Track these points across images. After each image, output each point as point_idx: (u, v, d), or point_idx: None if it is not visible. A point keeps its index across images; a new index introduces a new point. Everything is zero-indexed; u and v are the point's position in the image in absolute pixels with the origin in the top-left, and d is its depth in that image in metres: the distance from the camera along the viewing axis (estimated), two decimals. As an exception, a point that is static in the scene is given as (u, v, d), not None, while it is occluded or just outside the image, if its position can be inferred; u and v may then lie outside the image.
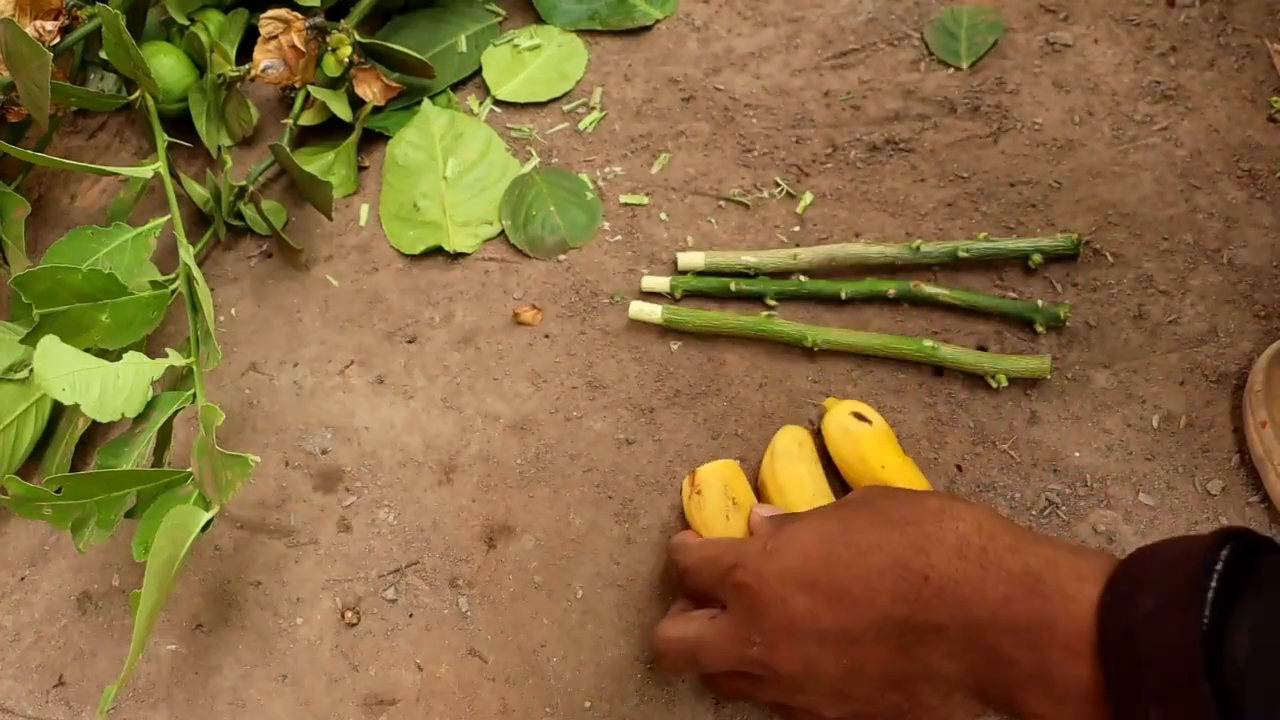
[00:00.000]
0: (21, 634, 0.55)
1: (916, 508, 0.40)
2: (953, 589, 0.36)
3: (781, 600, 0.40)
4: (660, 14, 0.72)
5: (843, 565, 0.39)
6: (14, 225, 0.63)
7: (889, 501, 0.41)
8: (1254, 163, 0.62)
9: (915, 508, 0.40)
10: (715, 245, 0.63)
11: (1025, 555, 0.36)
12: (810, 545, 0.40)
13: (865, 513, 0.41)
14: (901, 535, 0.39)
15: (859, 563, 0.39)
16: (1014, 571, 0.36)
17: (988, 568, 0.36)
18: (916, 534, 0.38)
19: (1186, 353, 0.57)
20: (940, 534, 0.38)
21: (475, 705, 0.51)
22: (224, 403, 0.60)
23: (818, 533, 0.41)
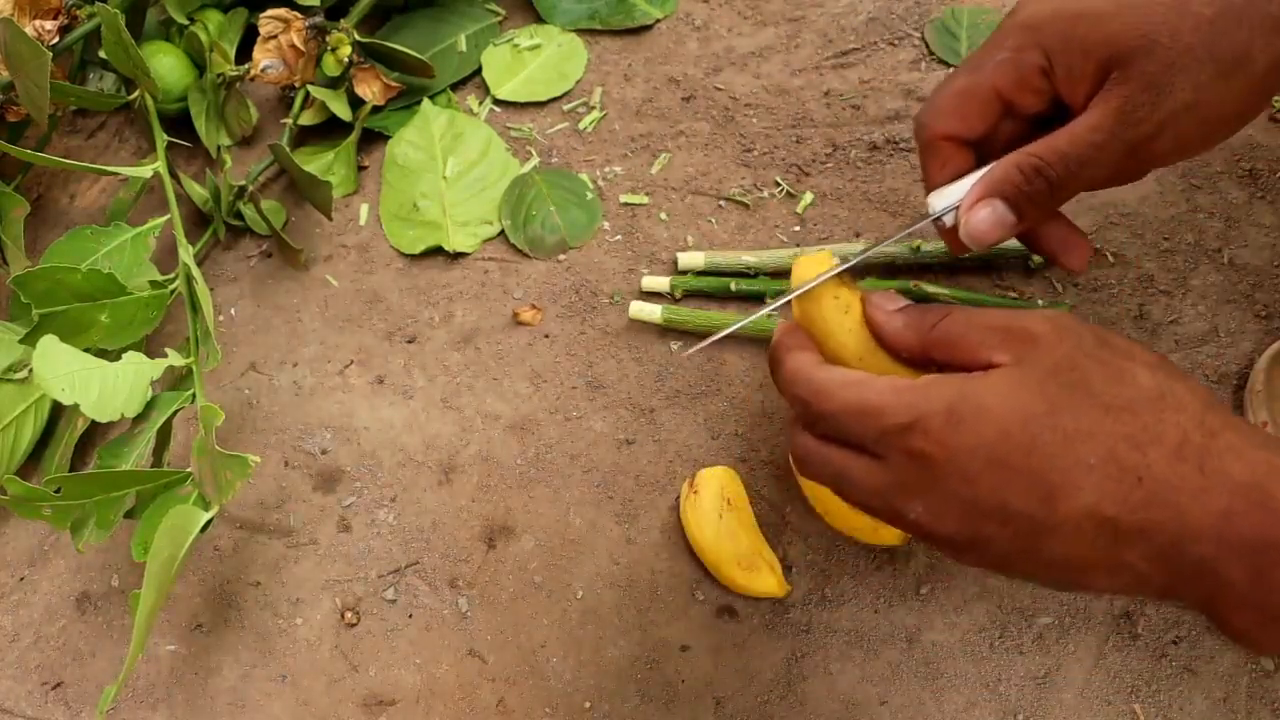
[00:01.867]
0: (21, 634, 0.55)
1: (1132, 389, 0.35)
2: (1169, 494, 0.33)
3: (966, 476, 0.35)
4: (660, 13, 0.72)
5: (1046, 451, 0.34)
6: (13, 225, 0.63)
7: (1101, 375, 0.35)
8: (1255, 162, 0.62)
9: (1131, 389, 0.35)
10: (715, 245, 0.63)
11: (1252, 461, 0.33)
12: (1010, 422, 0.35)
13: (1074, 389, 0.35)
14: (1115, 424, 0.34)
15: (1065, 451, 0.34)
16: (1239, 481, 0.32)
17: (1209, 474, 0.33)
18: (1133, 425, 0.34)
19: (1187, 353, 0.57)
20: (1160, 427, 0.34)
21: (475, 705, 0.51)
22: (224, 403, 0.60)
23: (1019, 408, 0.35)
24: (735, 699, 0.51)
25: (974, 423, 0.35)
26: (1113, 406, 0.35)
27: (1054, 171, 0.40)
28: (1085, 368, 0.36)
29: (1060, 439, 0.34)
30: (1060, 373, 0.35)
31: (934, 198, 0.44)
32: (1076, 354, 0.36)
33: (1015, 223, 0.42)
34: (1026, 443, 0.35)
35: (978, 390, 0.36)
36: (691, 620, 0.52)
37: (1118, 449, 0.34)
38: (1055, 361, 0.36)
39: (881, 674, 0.50)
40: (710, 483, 0.53)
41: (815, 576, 0.53)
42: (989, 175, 0.42)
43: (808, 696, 0.50)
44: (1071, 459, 0.34)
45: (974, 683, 0.50)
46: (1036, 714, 0.49)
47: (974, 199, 0.42)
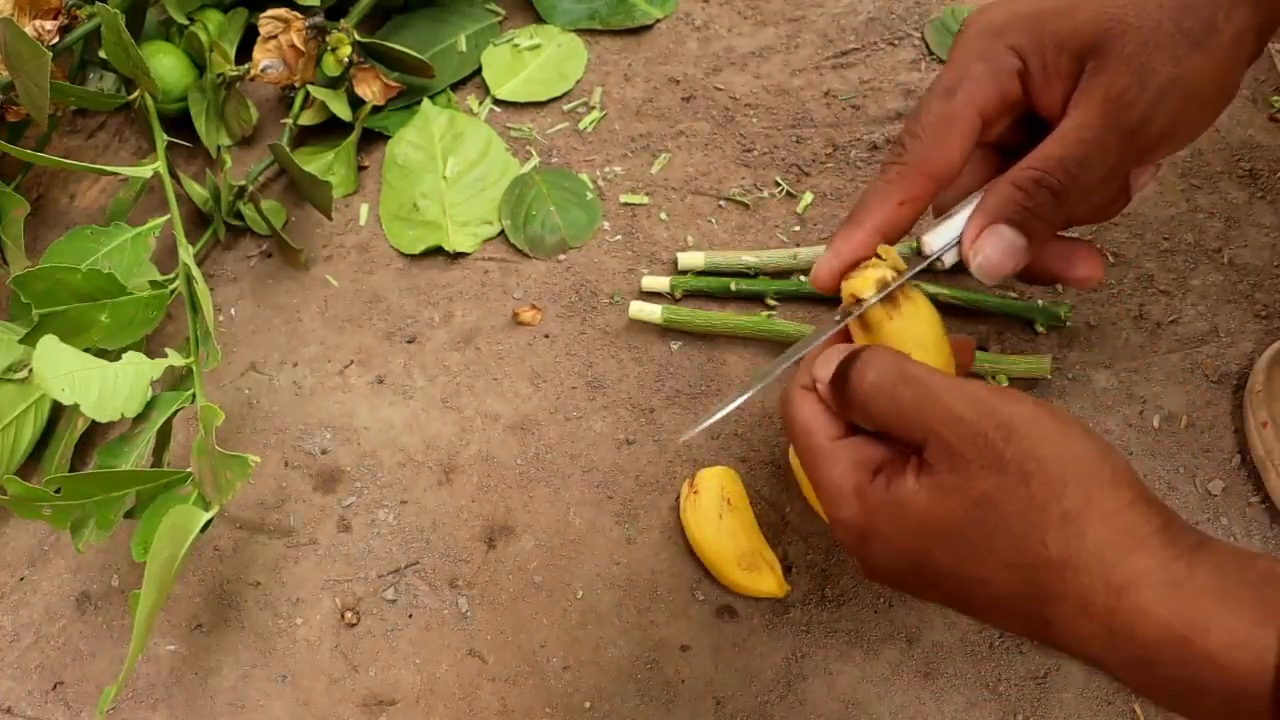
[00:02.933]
0: (21, 634, 0.55)
1: (1035, 549, 0.33)
2: (1077, 644, 0.33)
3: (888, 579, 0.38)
4: (660, 13, 0.72)
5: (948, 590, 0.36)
6: (13, 225, 0.63)
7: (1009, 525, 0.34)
8: (1255, 162, 0.62)
9: (1034, 549, 0.33)
10: (715, 245, 0.63)
11: (1162, 617, 0.31)
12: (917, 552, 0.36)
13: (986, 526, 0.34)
14: (1018, 578, 0.34)
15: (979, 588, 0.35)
16: (1149, 638, 0.31)
17: (1117, 633, 0.32)
18: (1036, 586, 0.33)
19: (1187, 353, 0.57)
20: (1062, 590, 0.33)
21: (475, 705, 0.51)
22: (223, 403, 0.60)
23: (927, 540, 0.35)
24: (735, 699, 0.50)
25: (889, 540, 0.36)
26: (1014, 563, 0.34)
27: (1055, 179, 0.38)
28: (999, 514, 0.34)
29: (964, 584, 0.35)
30: (973, 513, 0.34)
31: (929, 237, 0.40)
32: (995, 494, 0.34)
33: (1025, 246, 0.39)
34: (932, 579, 0.36)
35: (906, 507, 0.35)
36: (691, 620, 0.52)
37: (1021, 600, 0.34)
38: (974, 497, 0.34)
39: (881, 674, 0.50)
40: (710, 483, 0.53)
41: (815, 576, 0.53)
42: (985, 202, 0.39)
43: (808, 696, 0.50)
44: (984, 594, 0.35)
45: (974, 683, 0.50)
46: (1036, 714, 0.49)
47: (976, 230, 0.39)
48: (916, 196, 0.40)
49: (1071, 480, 0.33)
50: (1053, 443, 0.34)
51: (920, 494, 0.35)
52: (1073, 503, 0.33)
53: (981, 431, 0.34)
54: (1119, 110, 0.38)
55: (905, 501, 0.36)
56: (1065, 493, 0.33)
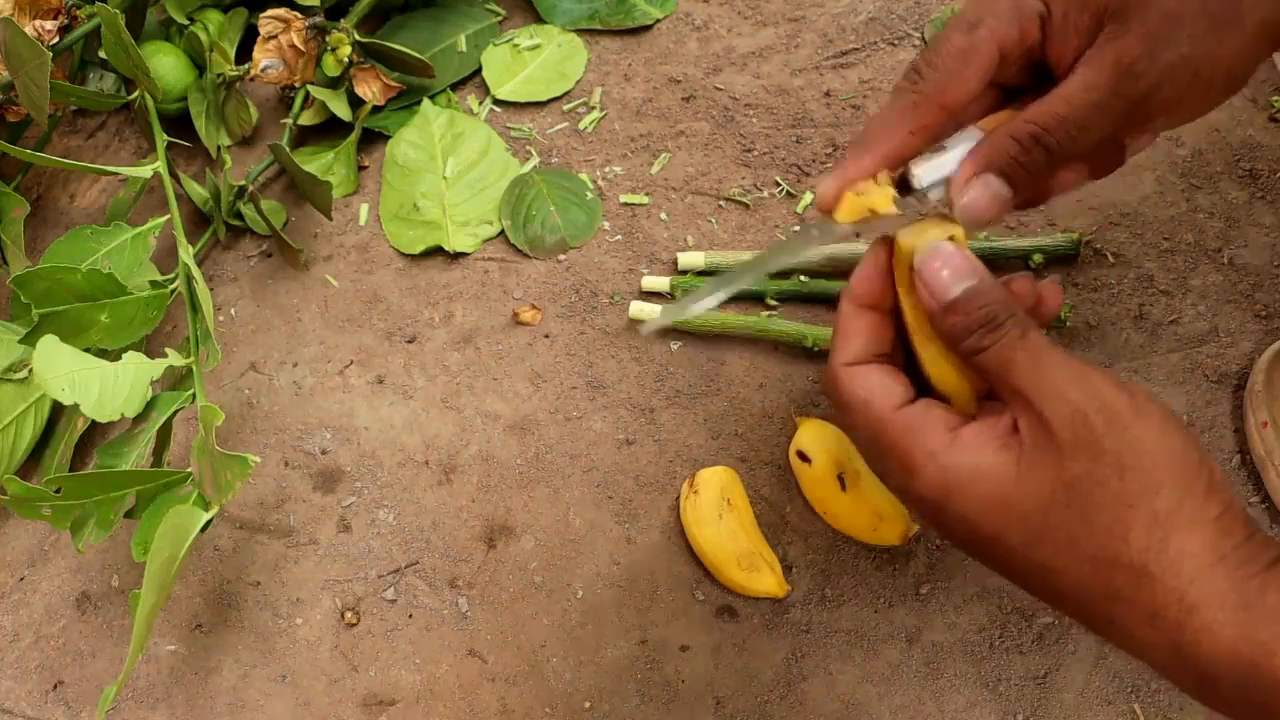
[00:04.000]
0: (21, 634, 0.55)
1: (1117, 545, 0.33)
2: (1139, 649, 0.33)
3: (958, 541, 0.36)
4: (660, 13, 0.72)
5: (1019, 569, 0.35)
6: (13, 225, 0.63)
7: (1097, 521, 0.33)
8: (1255, 162, 0.62)
9: (1115, 545, 0.33)
10: (715, 245, 0.63)
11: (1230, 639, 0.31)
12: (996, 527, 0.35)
13: (1070, 512, 0.34)
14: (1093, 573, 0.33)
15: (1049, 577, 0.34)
16: (1216, 658, 0.31)
17: (1183, 649, 0.32)
18: (1108, 585, 0.33)
19: (1187, 353, 0.57)
20: (1134, 595, 0.33)
21: (475, 705, 0.51)
22: (223, 403, 0.60)
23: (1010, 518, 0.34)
24: (735, 699, 0.50)
25: (963, 510, 0.35)
26: (1092, 558, 0.33)
27: (1053, 138, 0.38)
28: (1086, 503, 0.33)
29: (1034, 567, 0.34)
30: (1059, 496, 0.34)
31: (920, 170, 0.39)
32: (1086, 481, 0.33)
33: (1010, 197, 0.39)
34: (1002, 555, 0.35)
35: (986, 478, 0.35)
36: (691, 620, 0.52)
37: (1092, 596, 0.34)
38: (1064, 480, 0.34)
39: (881, 674, 0.50)
40: (710, 483, 0.53)
41: (815, 576, 0.53)
42: (982, 149, 0.39)
43: (808, 696, 0.50)
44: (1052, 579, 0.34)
45: (974, 683, 0.50)
46: (1036, 714, 0.49)
47: (967, 175, 0.39)
48: (928, 125, 0.39)
49: (1168, 481, 0.33)
50: (1154, 439, 0.33)
51: (1005, 466, 0.34)
52: (1165, 505, 0.32)
53: (1083, 413, 0.33)
54: (1127, 79, 0.37)
55: (987, 472, 0.34)
56: (1159, 493, 0.33)
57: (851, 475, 0.52)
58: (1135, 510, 0.33)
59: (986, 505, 0.35)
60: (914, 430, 0.36)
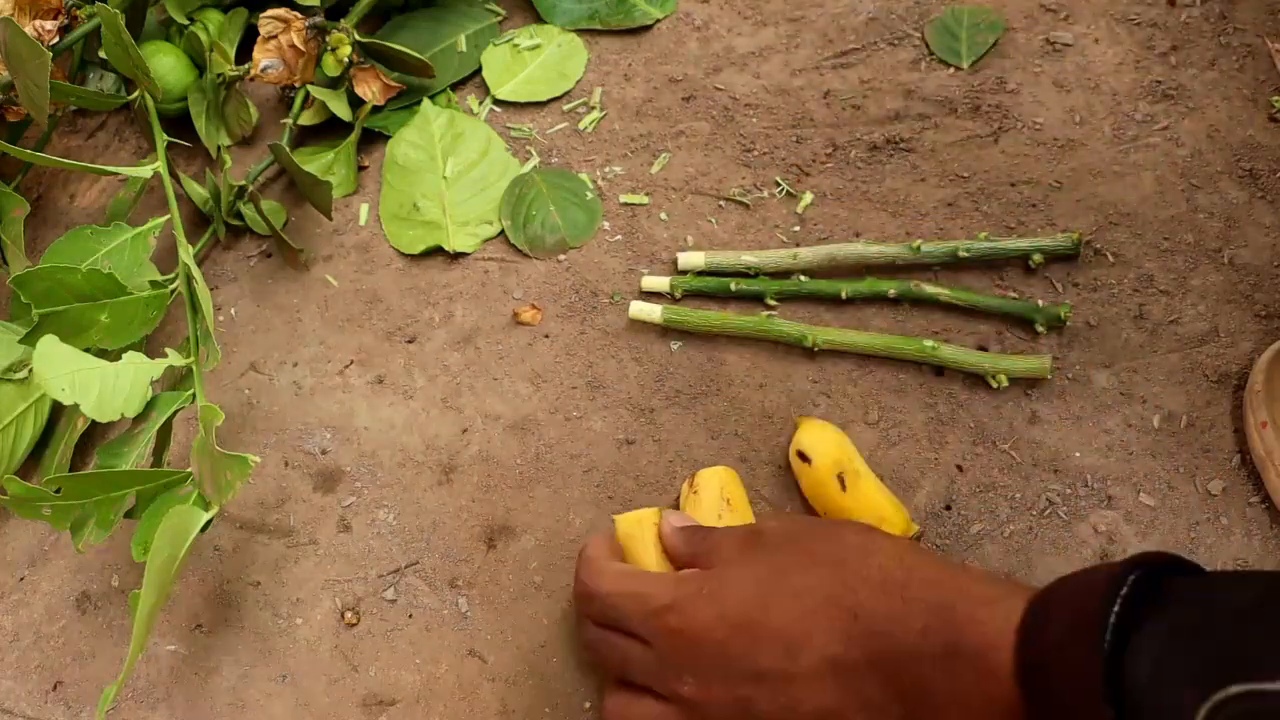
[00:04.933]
0: (20, 634, 0.55)
1: (840, 545, 0.42)
2: (879, 624, 0.39)
3: (718, 643, 0.41)
4: (660, 13, 0.72)
5: (779, 608, 0.41)
6: (13, 225, 0.63)
7: (813, 539, 0.44)
8: (1255, 162, 0.62)
9: (839, 545, 0.43)
10: (715, 245, 0.63)
11: (941, 587, 0.39)
12: (746, 589, 0.42)
13: (793, 553, 0.43)
14: (830, 574, 0.41)
15: (794, 604, 0.41)
16: (930, 603, 0.38)
17: (909, 602, 0.39)
18: (844, 573, 0.41)
19: (1187, 353, 0.57)
20: (865, 570, 0.41)
21: (475, 705, 0.51)
22: (223, 403, 0.60)
23: (752, 577, 0.42)
24: None
25: (719, 597, 0.42)
26: (826, 560, 0.42)
27: None
28: (802, 536, 0.44)
29: (789, 595, 0.41)
30: (783, 544, 0.44)
31: None
32: (795, 528, 0.45)
33: None
34: (761, 603, 0.41)
35: (723, 572, 0.44)
36: (691, 620, 0.52)
37: (834, 593, 0.40)
38: (779, 536, 0.44)
39: (881, 674, 0.50)
40: (710, 482, 0.52)
41: (815, 576, 0.53)
42: None
43: (808, 696, 0.50)
44: (799, 610, 0.41)
45: (974, 683, 0.50)
46: (1036, 714, 0.49)
47: None
48: None
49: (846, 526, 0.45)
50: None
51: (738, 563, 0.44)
52: (864, 525, 0.45)
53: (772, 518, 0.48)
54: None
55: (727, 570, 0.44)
56: (852, 523, 0.47)
57: (851, 475, 0.52)
58: (842, 526, 0.45)
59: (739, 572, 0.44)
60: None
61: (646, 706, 0.44)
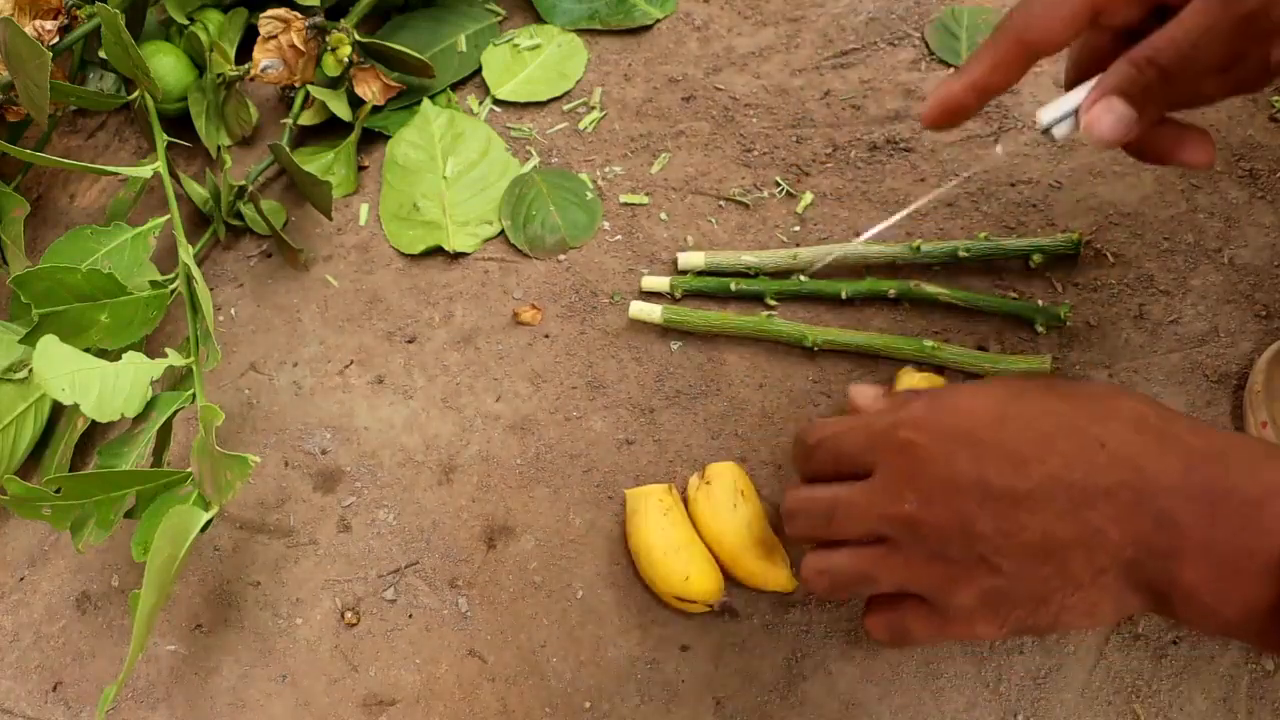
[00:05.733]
0: (20, 634, 0.55)
1: (1085, 387, 0.40)
2: (1130, 457, 0.36)
3: (947, 456, 0.39)
4: (660, 13, 0.72)
5: (1015, 426, 0.38)
6: (13, 225, 0.63)
7: (1058, 382, 0.41)
8: (1255, 162, 0.62)
9: (1084, 387, 0.40)
10: (715, 245, 0.63)
11: (1209, 435, 0.36)
12: (981, 405, 0.40)
13: (1035, 386, 0.41)
14: (1075, 406, 0.38)
15: (1032, 425, 0.38)
16: (1196, 447, 0.35)
17: (1168, 441, 0.36)
18: (1093, 405, 0.38)
19: (1187, 353, 0.57)
20: (1117, 408, 0.38)
21: (475, 705, 0.51)
22: (223, 403, 0.60)
23: (988, 395, 0.40)
24: (735, 699, 0.50)
25: (950, 410, 0.40)
26: (1071, 395, 0.39)
27: (1165, 59, 0.40)
28: (1043, 381, 0.42)
29: (1026, 416, 0.39)
30: (1021, 381, 0.42)
31: (1043, 111, 0.44)
32: (1028, 380, 0.43)
33: (1135, 119, 0.42)
34: (996, 420, 0.39)
35: (957, 389, 0.42)
36: (691, 620, 0.52)
37: (1079, 422, 0.38)
38: (1015, 384, 0.42)
39: (881, 674, 0.50)
40: (723, 474, 0.53)
41: (815, 576, 0.53)
42: (1104, 77, 0.42)
43: (808, 696, 0.50)
44: (1037, 431, 0.38)
45: (974, 683, 0.50)
46: (1036, 714, 0.49)
47: (1092, 101, 0.42)
48: (1008, 62, 0.43)
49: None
50: None
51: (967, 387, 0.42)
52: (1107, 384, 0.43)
53: None
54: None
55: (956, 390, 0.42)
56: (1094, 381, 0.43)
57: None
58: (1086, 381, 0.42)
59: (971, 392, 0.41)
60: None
61: (846, 554, 0.42)
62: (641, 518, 0.52)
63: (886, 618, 0.42)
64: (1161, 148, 0.45)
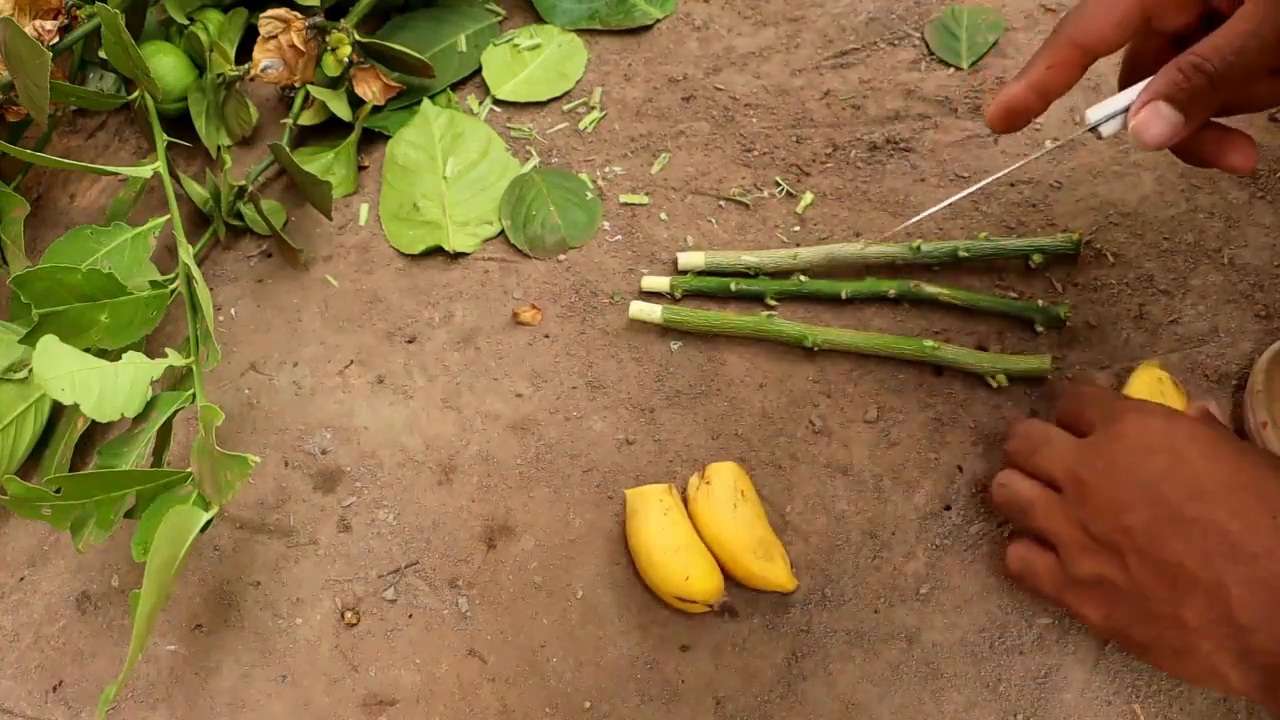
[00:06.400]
0: (20, 634, 0.55)
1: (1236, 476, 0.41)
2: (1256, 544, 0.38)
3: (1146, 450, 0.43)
4: (660, 13, 0.72)
5: (1210, 461, 0.41)
6: (13, 225, 0.63)
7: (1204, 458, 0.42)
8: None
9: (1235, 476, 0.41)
10: (715, 245, 0.63)
11: None
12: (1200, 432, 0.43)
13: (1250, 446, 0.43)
14: (1265, 475, 0.40)
15: (1223, 465, 0.41)
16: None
17: None
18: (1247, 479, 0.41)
19: (1187, 353, 0.57)
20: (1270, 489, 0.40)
21: (475, 705, 0.51)
22: (224, 403, 0.60)
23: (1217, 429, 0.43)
24: (735, 699, 0.51)
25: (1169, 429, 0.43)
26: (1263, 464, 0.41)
27: (1211, 65, 0.41)
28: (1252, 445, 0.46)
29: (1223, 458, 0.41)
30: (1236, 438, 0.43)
31: (1092, 110, 0.46)
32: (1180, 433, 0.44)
33: (1182, 123, 0.43)
34: (1204, 444, 0.42)
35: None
36: (691, 620, 0.52)
37: (1269, 488, 0.40)
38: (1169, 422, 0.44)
39: (881, 674, 0.50)
40: (723, 474, 0.53)
41: (815, 576, 0.53)
42: (1153, 81, 0.43)
43: (808, 696, 0.50)
44: (1225, 474, 0.41)
45: (974, 683, 0.50)
46: (1036, 714, 0.49)
47: (1141, 104, 0.43)
48: (1064, 63, 0.45)
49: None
50: None
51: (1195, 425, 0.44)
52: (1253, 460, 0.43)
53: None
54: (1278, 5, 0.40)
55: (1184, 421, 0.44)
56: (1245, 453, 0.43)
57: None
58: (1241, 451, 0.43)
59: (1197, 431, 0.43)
60: None
61: (1028, 483, 0.47)
62: (641, 518, 0.52)
63: (1024, 552, 0.47)
64: (1206, 151, 0.46)
